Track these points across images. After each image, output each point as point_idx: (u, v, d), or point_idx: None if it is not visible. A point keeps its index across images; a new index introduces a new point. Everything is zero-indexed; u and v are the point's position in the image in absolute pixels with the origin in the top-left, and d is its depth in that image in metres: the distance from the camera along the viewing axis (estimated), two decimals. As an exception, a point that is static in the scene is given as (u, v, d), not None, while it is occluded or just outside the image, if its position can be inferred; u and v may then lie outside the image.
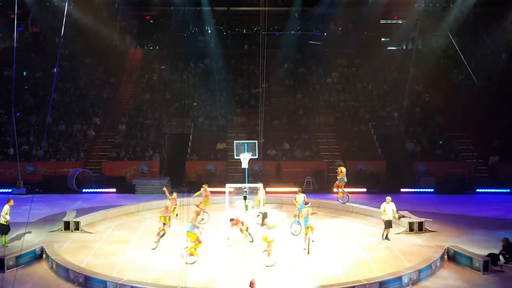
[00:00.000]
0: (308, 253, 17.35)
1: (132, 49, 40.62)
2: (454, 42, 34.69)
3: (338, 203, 23.16)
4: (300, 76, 37.83)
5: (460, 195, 27.39)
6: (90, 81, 36.76)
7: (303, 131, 32.95)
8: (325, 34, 40.89)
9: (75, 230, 19.73)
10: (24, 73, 36.24)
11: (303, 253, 17.43)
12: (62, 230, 19.79)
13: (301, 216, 18.13)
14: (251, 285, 12.61)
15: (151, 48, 41.65)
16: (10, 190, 27.36)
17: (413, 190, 28.27)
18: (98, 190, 28.15)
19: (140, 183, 28.72)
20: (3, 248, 17.45)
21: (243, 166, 20.80)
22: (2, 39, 39.91)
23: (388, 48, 40.63)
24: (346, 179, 22.52)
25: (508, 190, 27.78)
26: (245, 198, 19.60)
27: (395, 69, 37.66)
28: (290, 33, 39.91)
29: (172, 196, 20.26)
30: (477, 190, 28.00)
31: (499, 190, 27.88)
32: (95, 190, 28.14)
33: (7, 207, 18.18)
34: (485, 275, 15.75)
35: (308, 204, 18.08)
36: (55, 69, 33.14)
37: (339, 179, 22.59)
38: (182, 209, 18.56)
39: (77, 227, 19.80)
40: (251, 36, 40.28)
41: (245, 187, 19.90)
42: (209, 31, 39.12)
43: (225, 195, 20.17)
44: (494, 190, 27.92)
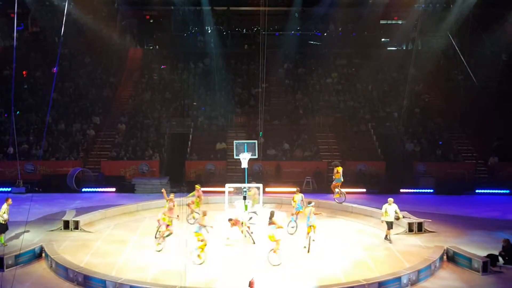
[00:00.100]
0: (308, 251, 17.40)
1: (132, 48, 40.61)
2: (454, 43, 34.66)
3: (341, 203, 23.17)
4: (300, 76, 37.82)
5: (460, 196, 27.39)
6: (89, 80, 36.74)
7: (302, 131, 32.95)
8: (325, 34, 40.94)
9: (75, 229, 19.73)
10: (24, 72, 36.24)
11: (303, 251, 17.46)
12: (61, 229, 19.79)
13: (304, 215, 18.11)
14: (250, 285, 12.61)
15: (151, 47, 41.65)
16: (10, 189, 27.31)
17: (412, 190, 28.23)
18: (97, 190, 28.13)
19: (139, 182, 28.69)
20: (2, 247, 17.46)
21: (242, 166, 20.83)
22: (2, 38, 39.91)
23: (388, 48, 40.60)
24: (343, 178, 22.54)
25: (507, 191, 27.78)
26: (244, 198, 19.62)
27: (395, 69, 37.66)
28: (290, 33, 39.91)
29: (169, 197, 20.24)
30: (477, 191, 28.01)
31: (499, 191, 27.88)
32: (94, 190, 28.12)
33: (5, 206, 18.16)
34: (484, 276, 15.77)
35: (312, 203, 18.05)
36: (55, 69, 33.09)
37: (335, 179, 22.61)
38: (180, 209, 18.57)
39: (76, 226, 19.80)
40: (251, 36, 40.29)
41: (244, 187, 19.91)
42: (209, 31, 39.09)
43: (225, 195, 20.15)
44: (493, 191, 27.94)
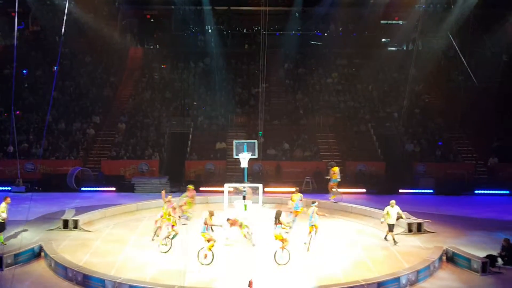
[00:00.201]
0: (308, 249, 17.43)
1: (133, 48, 40.57)
2: (454, 43, 34.60)
3: (337, 203, 23.16)
4: (300, 76, 37.81)
5: (459, 196, 27.39)
6: (90, 79, 36.74)
7: (302, 131, 32.95)
8: (325, 34, 40.93)
9: (74, 228, 19.72)
10: (24, 71, 36.23)
11: (302, 251, 17.45)
12: (60, 229, 19.76)
13: (307, 215, 18.13)
14: (250, 285, 12.60)
15: (152, 47, 41.65)
16: (10, 188, 27.37)
17: (412, 191, 28.20)
18: (97, 189, 28.13)
19: (139, 182, 28.68)
20: (2, 246, 17.46)
21: (242, 166, 20.82)
22: (2, 37, 39.93)
23: (389, 48, 40.56)
24: (340, 179, 22.53)
25: (507, 192, 27.79)
26: (244, 198, 19.61)
27: (395, 69, 37.64)
28: (290, 33, 39.90)
29: (167, 198, 20.18)
30: (476, 192, 28.01)
31: (498, 192, 27.89)
32: (94, 189, 28.11)
33: (4, 205, 18.15)
34: (483, 277, 15.76)
35: (315, 203, 18.03)
36: (55, 68, 33.10)
37: (332, 180, 22.59)
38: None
39: (75, 225, 19.78)
40: (252, 36, 40.30)
41: (244, 187, 19.89)
42: (210, 31, 39.09)
43: (224, 195, 20.15)
44: (493, 192, 27.94)
